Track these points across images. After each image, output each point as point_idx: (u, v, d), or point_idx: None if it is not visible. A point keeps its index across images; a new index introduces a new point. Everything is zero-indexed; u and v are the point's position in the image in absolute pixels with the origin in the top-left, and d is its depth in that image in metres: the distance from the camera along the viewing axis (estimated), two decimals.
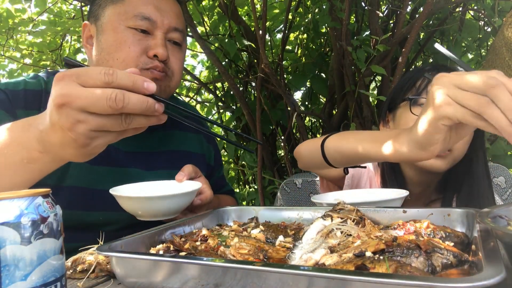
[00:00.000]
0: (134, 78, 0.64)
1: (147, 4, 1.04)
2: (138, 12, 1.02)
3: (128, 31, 1.02)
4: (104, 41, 1.04)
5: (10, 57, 3.02)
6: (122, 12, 1.03)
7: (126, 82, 0.63)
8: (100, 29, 1.06)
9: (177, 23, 1.08)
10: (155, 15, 1.03)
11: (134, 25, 1.02)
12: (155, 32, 1.04)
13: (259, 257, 0.65)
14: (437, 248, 0.55)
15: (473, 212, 0.68)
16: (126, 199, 0.91)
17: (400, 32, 2.06)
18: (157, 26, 1.04)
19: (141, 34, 1.03)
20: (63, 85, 0.63)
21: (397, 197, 0.90)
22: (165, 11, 1.06)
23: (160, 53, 1.02)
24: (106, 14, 1.05)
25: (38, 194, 0.53)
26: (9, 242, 0.49)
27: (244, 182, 3.24)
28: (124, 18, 1.03)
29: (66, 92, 0.63)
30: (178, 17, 1.10)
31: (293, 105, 2.38)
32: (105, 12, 1.05)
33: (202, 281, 0.55)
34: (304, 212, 0.88)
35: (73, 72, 0.64)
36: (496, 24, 2.14)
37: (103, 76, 0.62)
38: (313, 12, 2.53)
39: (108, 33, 1.03)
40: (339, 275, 0.45)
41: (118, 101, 0.62)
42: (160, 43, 1.03)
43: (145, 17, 1.02)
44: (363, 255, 0.56)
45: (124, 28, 1.02)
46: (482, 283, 0.39)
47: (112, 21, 1.03)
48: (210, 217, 0.93)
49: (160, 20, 1.04)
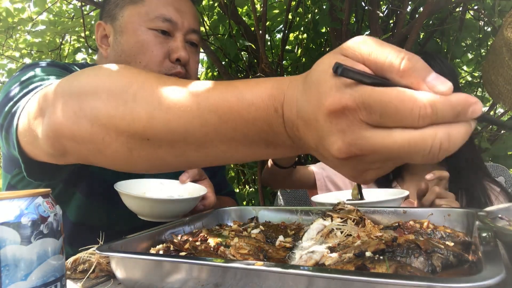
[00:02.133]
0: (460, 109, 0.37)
1: (168, 6, 1.03)
2: (160, 13, 1.01)
3: (149, 32, 1.01)
4: (125, 43, 1.02)
5: (10, 56, 3.02)
6: (142, 13, 1.02)
7: (450, 116, 0.37)
8: (118, 29, 1.04)
9: (195, 24, 1.08)
10: (176, 17, 1.03)
11: (155, 27, 1.01)
12: (176, 34, 1.04)
13: (259, 257, 0.65)
14: (437, 248, 0.55)
15: (473, 212, 0.68)
16: (130, 198, 0.91)
17: (400, 32, 2.06)
18: (177, 28, 1.03)
19: (162, 36, 1.02)
20: (348, 128, 0.39)
21: (397, 197, 0.90)
22: (184, 13, 1.05)
23: (182, 56, 1.02)
24: (126, 15, 1.04)
25: (38, 194, 0.53)
26: (9, 242, 0.49)
27: (244, 182, 3.23)
28: (145, 19, 1.02)
29: (355, 142, 0.39)
30: (195, 18, 1.10)
31: None
32: (123, 12, 1.04)
33: (202, 281, 0.55)
34: (304, 212, 0.88)
35: (359, 104, 0.38)
36: (496, 24, 2.14)
37: (417, 118, 0.36)
38: (313, 12, 2.52)
39: (129, 34, 1.02)
40: (339, 275, 0.45)
41: (442, 151, 0.37)
42: (181, 46, 1.03)
43: (167, 19, 1.02)
44: (363, 255, 0.56)
45: (145, 29, 1.01)
46: (482, 283, 0.39)
47: (133, 22, 1.02)
48: (210, 217, 0.93)
49: (181, 22, 1.04)
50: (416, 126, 0.36)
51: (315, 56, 2.64)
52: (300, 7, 2.56)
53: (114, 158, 0.59)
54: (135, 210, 0.93)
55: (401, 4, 2.17)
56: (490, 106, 2.53)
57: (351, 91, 0.38)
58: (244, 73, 2.88)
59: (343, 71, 0.37)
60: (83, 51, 3.03)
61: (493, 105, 2.49)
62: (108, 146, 0.57)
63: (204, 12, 2.72)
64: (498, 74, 1.82)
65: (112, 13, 1.06)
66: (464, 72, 2.78)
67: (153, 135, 0.54)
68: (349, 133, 0.38)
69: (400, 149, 0.36)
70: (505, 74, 1.78)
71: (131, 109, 0.55)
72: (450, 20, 2.29)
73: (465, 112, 0.36)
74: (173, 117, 0.52)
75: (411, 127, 0.36)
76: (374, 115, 0.37)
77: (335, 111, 0.38)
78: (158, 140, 0.54)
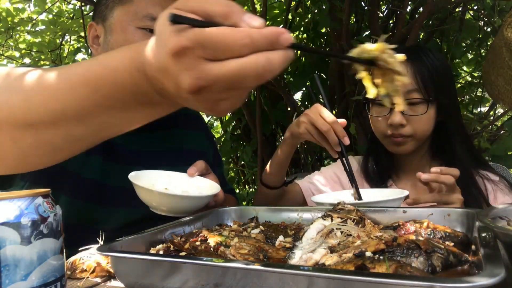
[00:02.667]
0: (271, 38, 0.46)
1: (156, 5, 1.05)
2: (147, 12, 1.03)
3: (137, 31, 1.03)
4: (114, 42, 1.05)
5: (10, 56, 3.02)
6: (131, 12, 1.04)
7: (265, 44, 0.46)
8: (108, 29, 1.07)
9: None
10: None
11: (144, 25, 1.03)
12: None
13: (259, 257, 0.65)
14: (437, 248, 0.55)
15: (473, 212, 0.68)
16: (147, 192, 0.91)
17: (400, 32, 2.06)
18: None
19: (150, 34, 1.03)
20: (191, 65, 0.47)
21: (397, 197, 0.90)
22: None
23: None
24: (115, 15, 1.06)
25: (38, 194, 0.53)
26: (9, 242, 0.49)
27: (244, 182, 3.24)
28: (134, 18, 1.04)
29: (200, 75, 0.47)
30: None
31: (293, 105, 2.38)
32: (113, 12, 1.07)
33: (202, 281, 0.55)
34: (304, 212, 0.88)
35: (194, 42, 0.46)
36: (496, 24, 2.14)
37: (240, 48, 0.45)
38: (313, 12, 2.53)
39: (118, 33, 1.05)
40: (339, 275, 0.45)
41: (266, 71, 0.46)
42: None
43: (154, 18, 1.03)
44: (363, 255, 0.56)
45: (134, 28, 1.03)
46: (482, 283, 0.39)
47: (121, 21, 1.05)
48: (210, 217, 0.93)
49: None
50: (242, 54, 0.45)
51: (315, 56, 2.64)
52: (300, 7, 2.56)
53: (1, 154, 0.61)
54: (148, 203, 0.94)
55: (401, 4, 2.17)
56: (490, 106, 2.53)
57: (186, 34, 0.46)
58: None
59: (175, 17, 0.45)
60: (83, 51, 3.03)
61: (493, 105, 2.48)
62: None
63: None
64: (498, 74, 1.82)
65: (102, 14, 1.09)
66: (464, 72, 2.78)
67: (34, 119, 0.57)
68: (193, 69, 0.46)
69: (234, 75, 0.45)
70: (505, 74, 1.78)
71: (7, 99, 0.58)
72: (450, 20, 2.29)
73: (277, 40, 0.45)
74: (48, 97, 0.56)
75: (239, 56, 0.45)
76: (208, 50, 0.45)
77: (177, 52, 0.46)
78: (41, 123, 0.57)
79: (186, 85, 0.47)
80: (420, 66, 1.14)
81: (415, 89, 1.13)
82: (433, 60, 1.16)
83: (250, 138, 2.86)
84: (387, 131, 1.18)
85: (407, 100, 1.12)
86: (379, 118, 1.20)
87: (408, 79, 1.11)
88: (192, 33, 0.45)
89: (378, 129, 1.22)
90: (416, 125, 1.14)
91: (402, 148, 1.19)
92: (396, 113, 1.14)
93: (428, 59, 1.15)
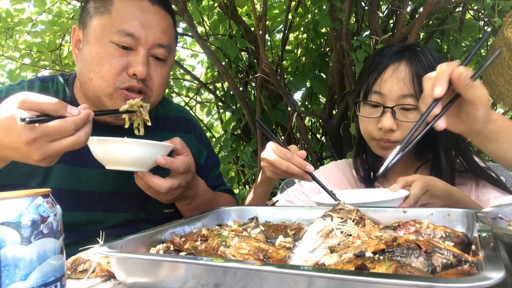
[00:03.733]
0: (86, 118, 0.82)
1: (133, 19, 1.03)
2: (122, 28, 1.02)
3: (110, 45, 1.02)
4: (88, 53, 1.04)
5: (9, 57, 3.02)
6: (107, 25, 1.03)
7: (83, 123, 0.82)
8: (86, 38, 1.07)
9: (162, 38, 1.07)
10: (139, 32, 1.03)
11: (117, 41, 1.02)
12: (138, 48, 1.04)
13: (259, 257, 0.65)
14: (437, 248, 0.55)
15: (473, 212, 0.68)
16: (95, 143, 0.92)
17: (400, 32, 2.06)
18: (140, 43, 1.03)
19: (122, 50, 1.03)
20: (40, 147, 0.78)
21: (397, 197, 0.90)
22: (150, 27, 1.05)
23: (139, 71, 1.02)
24: (93, 24, 1.05)
25: (38, 194, 0.53)
26: (9, 242, 0.49)
27: (244, 182, 3.23)
28: (109, 31, 1.02)
29: (45, 152, 0.78)
30: (164, 32, 1.08)
31: (293, 105, 2.38)
32: (92, 21, 1.05)
33: (202, 281, 0.55)
34: (304, 212, 0.88)
35: (41, 134, 0.77)
36: (496, 24, 2.14)
37: (69, 131, 0.79)
38: (313, 13, 2.53)
39: (92, 44, 1.04)
40: (339, 275, 0.45)
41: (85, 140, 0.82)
42: (141, 61, 1.03)
43: (128, 34, 1.02)
44: (363, 255, 0.56)
45: (107, 42, 1.02)
46: (482, 283, 0.39)
47: (96, 32, 1.04)
48: (210, 217, 0.93)
49: (144, 37, 1.03)
50: (71, 134, 0.80)
51: (315, 56, 2.64)
52: (300, 7, 2.56)
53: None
54: (97, 157, 0.94)
55: (401, 4, 2.17)
56: (491, 106, 2.53)
57: (36, 129, 0.76)
58: (244, 73, 2.88)
59: (30, 121, 0.74)
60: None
61: (493, 105, 2.48)
62: None
63: (204, 12, 2.72)
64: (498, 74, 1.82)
65: (84, 21, 1.08)
66: None
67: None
68: (41, 149, 0.78)
69: (68, 147, 0.80)
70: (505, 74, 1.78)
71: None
72: (450, 20, 2.29)
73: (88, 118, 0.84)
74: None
75: (70, 135, 0.80)
76: (51, 136, 0.78)
77: (30, 141, 0.77)
78: None
79: (37, 157, 0.78)
80: (418, 68, 1.09)
81: (410, 95, 1.08)
82: (431, 61, 1.11)
83: (250, 138, 2.87)
84: (376, 135, 1.14)
85: (401, 105, 1.09)
86: (369, 118, 1.15)
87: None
88: (40, 128, 0.75)
89: (366, 130, 1.17)
90: (406, 132, 1.07)
91: (388, 152, 1.15)
92: (387, 117, 1.09)
93: (427, 60, 1.11)
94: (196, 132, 1.35)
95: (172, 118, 1.30)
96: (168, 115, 1.30)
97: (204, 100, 3.43)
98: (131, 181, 1.01)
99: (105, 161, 0.95)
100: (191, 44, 3.16)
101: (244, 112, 2.55)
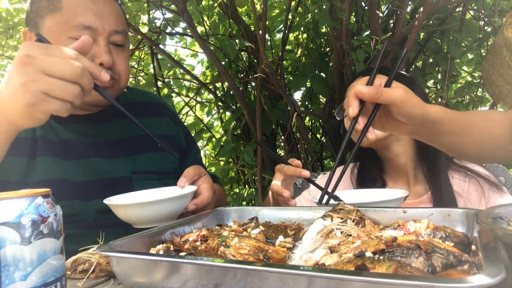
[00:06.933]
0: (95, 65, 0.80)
1: (86, 12, 1.04)
2: (78, 22, 1.02)
3: (70, 41, 1.00)
4: None
5: (10, 57, 3.02)
6: (62, 22, 1.02)
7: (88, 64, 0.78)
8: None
9: (117, 24, 1.08)
10: (95, 23, 1.04)
11: (76, 36, 1.01)
12: (98, 39, 1.04)
13: (259, 257, 0.65)
14: (437, 248, 0.55)
15: (473, 212, 0.68)
16: (119, 207, 0.92)
17: (400, 32, 2.06)
18: (98, 33, 1.04)
19: None
20: (32, 49, 0.74)
21: (397, 197, 0.90)
22: (104, 16, 1.06)
23: (105, 60, 1.04)
24: (46, 25, 1.04)
25: (38, 194, 0.53)
26: (9, 242, 0.49)
27: (244, 182, 3.23)
28: (65, 29, 1.02)
29: (33, 54, 0.73)
30: (117, 18, 1.10)
31: (293, 105, 2.38)
32: (44, 22, 1.04)
33: (202, 281, 0.55)
34: (304, 212, 0.88)
35: (43, 44, 0.76)
36: (496, 24, 2.14)
37: (70, 53, 0.76)
38: (313, 12, 2.52)
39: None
40: (339, 275, 0.45)
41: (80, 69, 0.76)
42: (104, 50, 1.04)
43: (86, 26, 1.02)
44: (363, 255, 0.56)
45: (66, 38, 1.02)
46: (482, 283, 0.39)
47: (54, 31, 1.03)
48: (210, 217, 0.93)
49: (101, 27, 1.04)
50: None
51: (315, 56, 2.64)
52: (300, 7, 2.56)
53: None
54: (126, 219, 0.93)
55: (401, 4, 2.16)
56: (490, 106, 2.53)
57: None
58: (244, 73, 2.88)
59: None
60: None
61: (493, 105, 2.48)
62: None
63: (204, 12, 2.72)
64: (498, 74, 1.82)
65: (34, 22, 1.07)
66: (464, 72, 2.78)
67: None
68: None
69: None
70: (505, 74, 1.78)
71: None
72: (450, 20, 2.29)
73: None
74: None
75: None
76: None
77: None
78: None
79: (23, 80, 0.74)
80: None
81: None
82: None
83: (250, 138, 2.86)
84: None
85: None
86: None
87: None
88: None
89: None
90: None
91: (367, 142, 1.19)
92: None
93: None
94: (171, 115, 1.36)
95: (143, 103, 1.32)
96: (139, 101, 1.32)
97: (204, 100, 3.42)
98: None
99: (137, 223, 0.94)
100: (191, 44, 3.16)
101: (244, 112, 2.55)
